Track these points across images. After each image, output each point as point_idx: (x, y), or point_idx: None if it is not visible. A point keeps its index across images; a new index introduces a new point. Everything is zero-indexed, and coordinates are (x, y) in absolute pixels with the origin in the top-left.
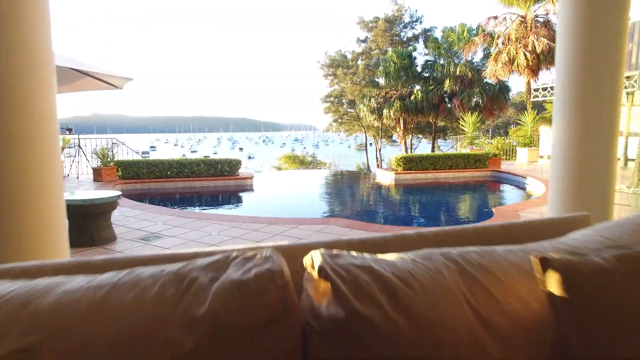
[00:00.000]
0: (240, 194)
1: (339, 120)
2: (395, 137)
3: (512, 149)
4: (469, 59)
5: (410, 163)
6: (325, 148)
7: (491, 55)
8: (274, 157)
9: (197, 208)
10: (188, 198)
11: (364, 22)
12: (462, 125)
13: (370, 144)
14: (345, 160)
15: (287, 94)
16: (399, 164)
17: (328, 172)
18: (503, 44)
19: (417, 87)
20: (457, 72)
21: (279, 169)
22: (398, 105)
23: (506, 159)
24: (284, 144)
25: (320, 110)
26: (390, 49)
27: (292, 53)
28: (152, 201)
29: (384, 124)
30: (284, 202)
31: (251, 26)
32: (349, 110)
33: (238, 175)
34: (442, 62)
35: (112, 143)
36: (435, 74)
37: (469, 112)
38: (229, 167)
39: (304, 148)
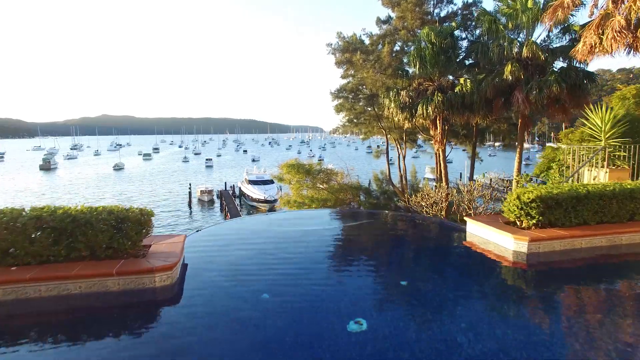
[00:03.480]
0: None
1: (355, 120)
2: (420, 141)
3: None
4: (538, 35)
5: (556, 210)
6: (332, 150)
7: (586, 26)
8: (278, 161)
9: None
10: None
11: None
12: (589, 126)
13: (378, 145)
14: (357, 165)
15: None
16: (526, 213)
17: (349, 218)
18: (613, 2)
19: (452, 77)
20: (523, 54)
21: (280, 179)
22: (439, 99)
23: None
24: (290, 146)
25: (331, 108)
26: (422, 29)
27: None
28: None
29: (414, 124)
30: None
31: (258, 25)
32: (366, 108)
33: (139, 253)
34: (495, 41)
35: None
36: (487, 59)
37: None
38: (120, 236)
39: (311, 150)
